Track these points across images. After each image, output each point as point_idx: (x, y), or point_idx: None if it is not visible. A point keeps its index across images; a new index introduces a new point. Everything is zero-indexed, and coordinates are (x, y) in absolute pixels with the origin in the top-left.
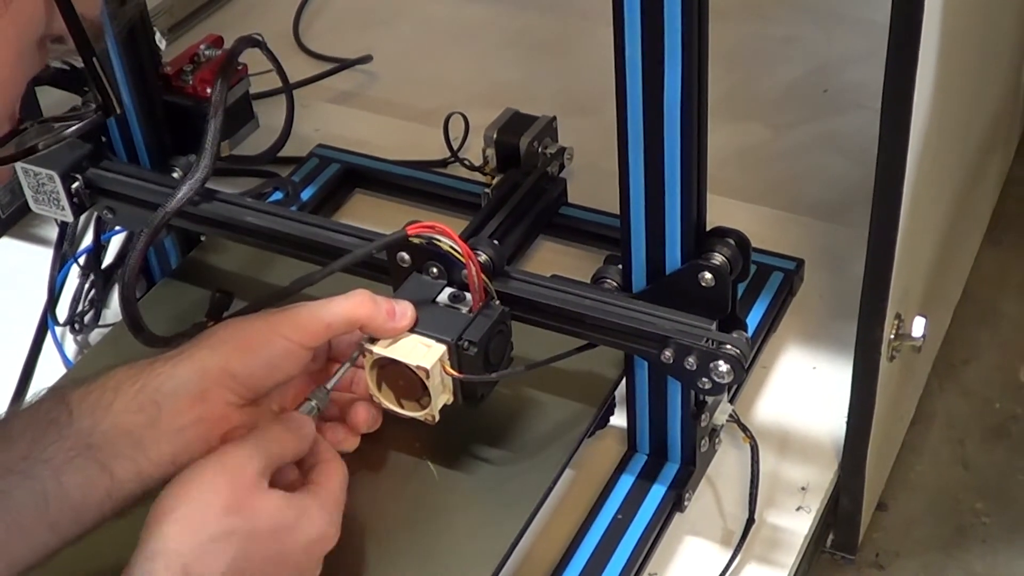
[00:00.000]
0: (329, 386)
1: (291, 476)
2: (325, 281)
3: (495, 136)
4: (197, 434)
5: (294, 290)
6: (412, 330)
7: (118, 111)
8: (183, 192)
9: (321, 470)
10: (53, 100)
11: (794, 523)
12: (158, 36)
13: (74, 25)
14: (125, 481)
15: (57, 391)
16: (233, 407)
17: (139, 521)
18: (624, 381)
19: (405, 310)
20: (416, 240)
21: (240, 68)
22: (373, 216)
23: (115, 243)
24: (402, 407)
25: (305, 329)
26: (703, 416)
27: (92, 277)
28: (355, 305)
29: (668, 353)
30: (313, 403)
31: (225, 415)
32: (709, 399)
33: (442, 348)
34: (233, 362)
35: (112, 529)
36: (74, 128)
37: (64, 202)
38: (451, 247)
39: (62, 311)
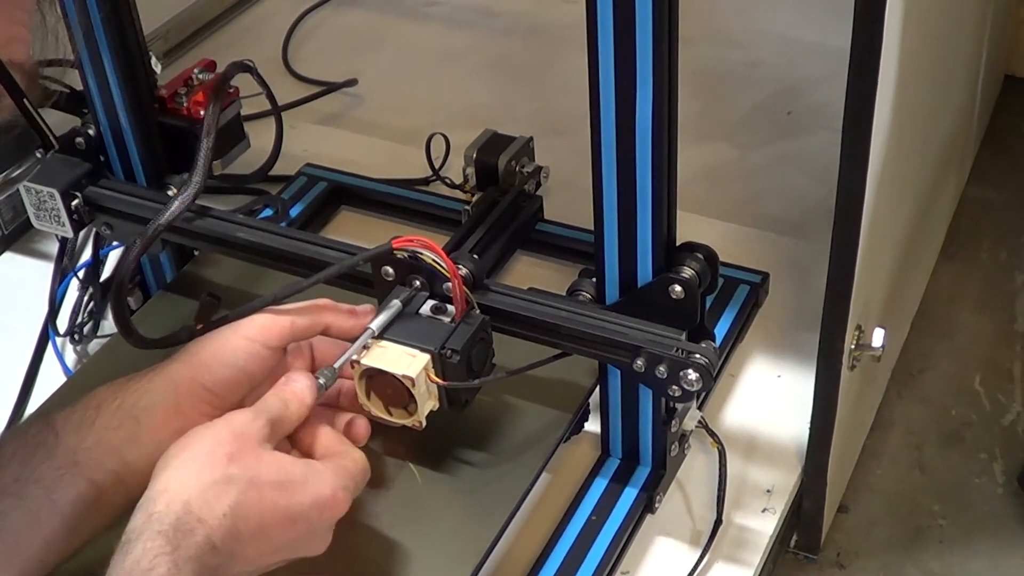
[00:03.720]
0: (337, 365)
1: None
2: (313, 293)
3: (475, 156)
4: None
5: (282, 297)
6: (397, 340)
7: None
8: (175, 206)
9: (337, 451)
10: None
11: (760, 524)
12: (153, 60)
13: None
14: (112, 494)
15: (43, 415)
16: (208, 418)
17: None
18: (598, 389)
19: (365, 308)
20: (400, 254)
21: (232, 91)
22: (358, 232)
23: (113, 257)
24: (390, 415)
25: (268, 330)
26: (673, 422)
27: (91, 290)
28: (317, 305)
29: (640, 362)
30: (321, 381)
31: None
32: (679, 406)
33: (426, 357)
34: (202, 373)
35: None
36: None
37: (64, 219)
38: (434, 260)
39: (62, 322)
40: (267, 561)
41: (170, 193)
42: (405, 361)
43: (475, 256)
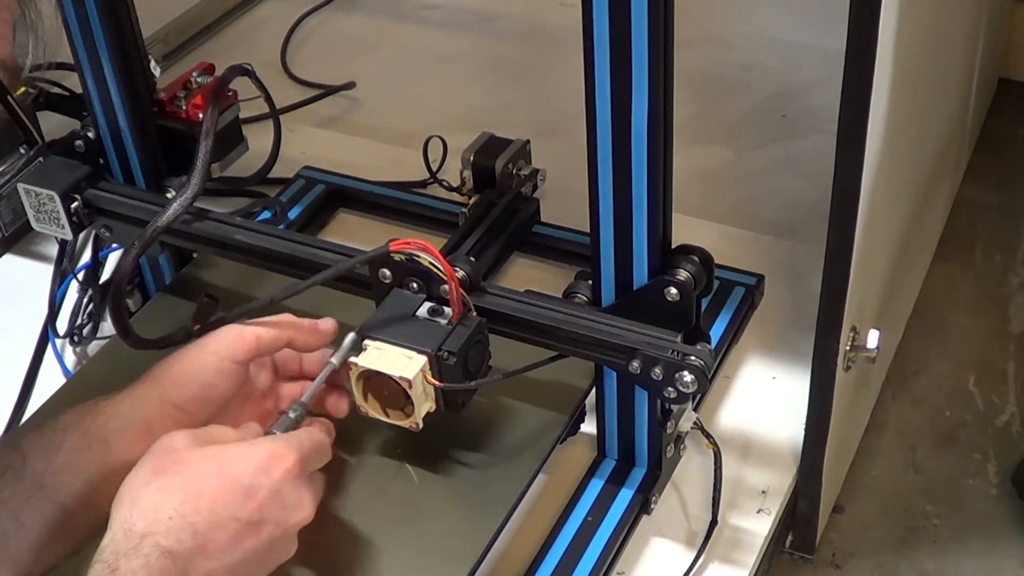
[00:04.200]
0: (304, 399)
1: None
2: (311, 296)
3: (472, 158)
4: None
5: (279, 299)
6: (394, 342)
7: (40, 143)
8: (174, 208)
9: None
10: (53, 125)
11: (755, 525)
12: (152, 64)
13: None
14: (81, 517)
15: (10, 438)
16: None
17: None
18: (594, 390)
19: (327, 323)
20: (397, 257)
21: (230, 94)
22: (356, 234)
23: (112, 260)
24: (387, 416)
25: (233, 346)
26: (669, 423)
27: (90, 292)
28: (279, 320)
29: (636, 364)
30: (291, 416)
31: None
32: (674, 407)
33: (423, 359)
34: (170, 391)
35: None
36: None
37: (64, 221)
38: (431, 263)
39: (62, 324)
40: (245, 544)
41: (169, 195)
42: (402, 363)
43: (472, 258)
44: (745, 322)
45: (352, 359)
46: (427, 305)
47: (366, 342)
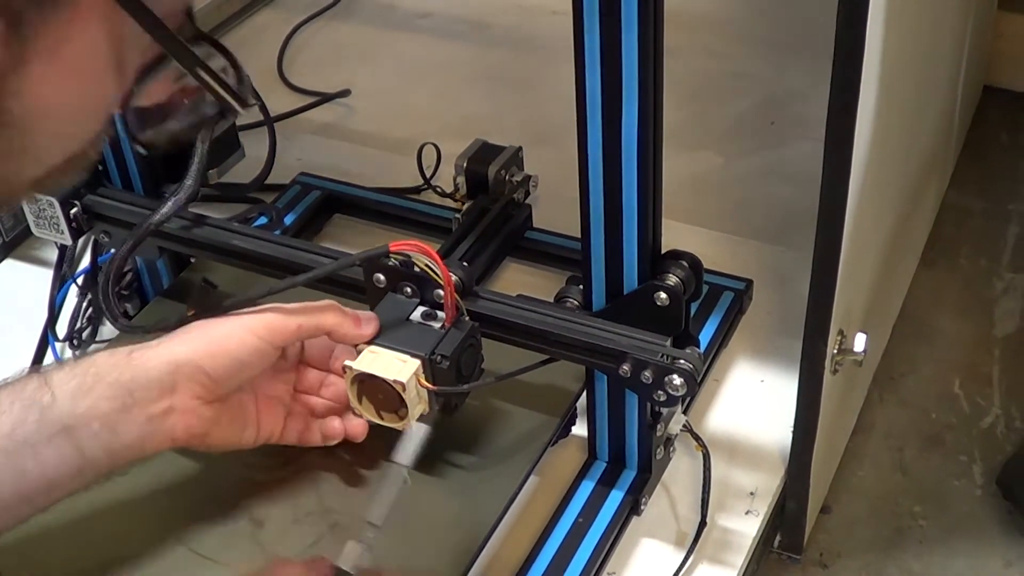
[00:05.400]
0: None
1: None
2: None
3: (465, 165)
4: (165, 423)
5: (278, 290)
6: (389, 346)
7: (240, 111)
8: (168, 207)
9: None
10: None
11: (743, 525)
12: None
13: (162, 35)
14: (96, 461)
15: (42, 374)
16: (201, 401)
17: (128, 516)
18: (585, 393)
19: (370, 318)
20: (394, 260)
21: None
22: (351, 239)
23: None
24: (381, 419)
25: (277, 330)
26: (658, 426)
27: (89, 296)
28: (324, 309)
29: (626, 367)
30: None
31: (192, 408)
32: (664, 410)
33: (417, 363)
34: (205, 359)
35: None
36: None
37: (63, 226)
38: (428, 266)
39: (61, 328)
40: None
41: None
42: (396, 366)
43: (465, 263)
44: (734, 326)
45: (347, 362)
46: (421, 309)
47: (360, 346)
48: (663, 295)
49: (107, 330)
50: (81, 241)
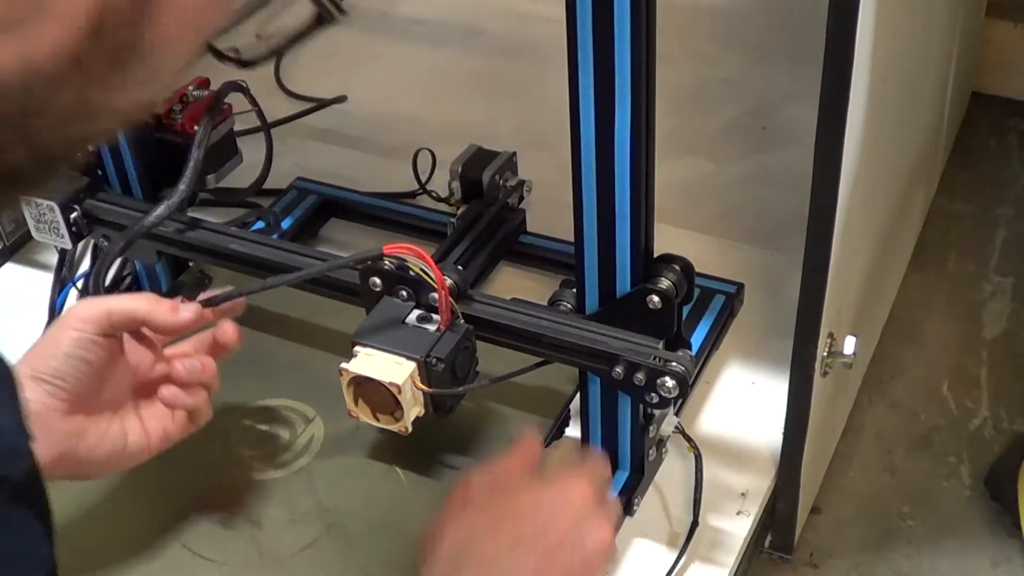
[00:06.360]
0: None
1: None
2: (304, 304)
3: (460, 170)
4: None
5: (271, 285)
6: (384, 349)
7: (337, 17)
8: (161, 209)
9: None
10: None
11: (734, 526)
12: None
13: None
14: None
15: None
16: (59, 414)
17: (127, 516)
18: (578, 396)
19: (189, 306)
20: (389, 262)
21: (225, 108)
22: (348, 243)
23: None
24: (377, 420)
25: (86, 315)
26: (651, 428)
27: None
28: (137, 296)
29: (619, 370)
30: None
31: (51, 424)
32: (656, 412)
33: (412, 365)
34: (37, 365)
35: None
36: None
37: (63, 230)
38: (422, 270)
39: None
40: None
41: None
42: (392, 369)
43: (460, 267)
44: (725, 329)
45: (343, 365)
46: (416, 312)
47: (356, 348)
48: (655, 298)
49: None
50: (81, 245)
